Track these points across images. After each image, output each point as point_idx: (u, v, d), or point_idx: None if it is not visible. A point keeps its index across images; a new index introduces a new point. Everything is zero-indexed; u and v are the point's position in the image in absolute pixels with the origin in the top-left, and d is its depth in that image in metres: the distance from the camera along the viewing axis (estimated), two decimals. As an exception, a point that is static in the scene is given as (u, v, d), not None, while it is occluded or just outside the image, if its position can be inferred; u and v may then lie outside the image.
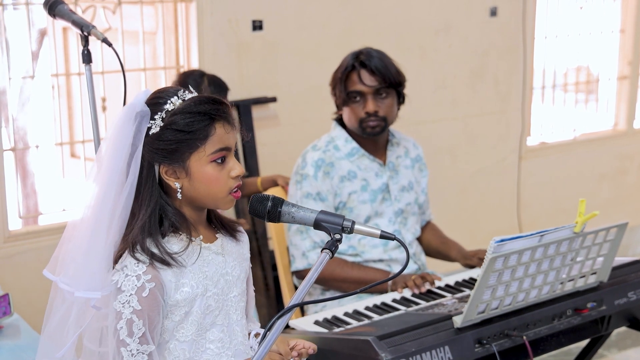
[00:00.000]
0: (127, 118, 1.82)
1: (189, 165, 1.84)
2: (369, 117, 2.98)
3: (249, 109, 3.98)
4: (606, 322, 2.64)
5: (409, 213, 3.13)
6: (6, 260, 3.44)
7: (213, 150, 1.84)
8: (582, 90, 5.58)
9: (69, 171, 3.89)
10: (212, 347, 1.92)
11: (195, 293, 1.87)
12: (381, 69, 2.98)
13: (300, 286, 1.71)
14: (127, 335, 1.79)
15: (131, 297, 1.80)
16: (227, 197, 1.89)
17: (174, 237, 1.87)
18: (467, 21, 4.66)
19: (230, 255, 1.97)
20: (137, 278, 1.80)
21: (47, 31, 4.56)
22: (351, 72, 3.00)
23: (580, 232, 2.40)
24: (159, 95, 1.86)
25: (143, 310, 1.80)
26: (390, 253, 3.04)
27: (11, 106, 3.72)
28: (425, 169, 3.26)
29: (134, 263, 1.81)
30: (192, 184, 1.85)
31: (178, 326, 1.88)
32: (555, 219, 4.57)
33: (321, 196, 2.97)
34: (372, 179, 3.05)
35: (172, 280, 1.84)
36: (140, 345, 1.80)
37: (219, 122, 1.84)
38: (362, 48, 3.06)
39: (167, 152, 1.83)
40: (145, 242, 1.83)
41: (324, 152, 3.02)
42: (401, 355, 2.17)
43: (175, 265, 1.84)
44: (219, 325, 1.93)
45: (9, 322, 2.69)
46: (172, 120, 1.82)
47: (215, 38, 3.84)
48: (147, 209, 1.84)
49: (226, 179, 1.86)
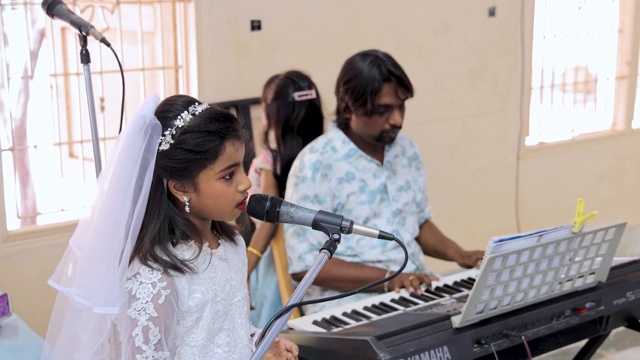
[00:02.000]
0: (137, 129, 1.81)
1: (198, 182, 1.84)
2: (393, 128, 2.98)
3: (247, 109, 3.98)
4: (604, 322, 2.64)
5: (407, 213, 3.13)
6: (4, 261, 3.44)
7: (222, 168, 1.84)
8: (580, 90, 5.59)
9: (68, 171, 3.89)
10: (219, 351, 1.93)
11: (206, 299, 1.88)
12: (407, 81, 2.98)
13: (298, 286, 1.72)
14: (143, 342, 1.79)
15: (147, 304, 1.80)
16: (234, 211, 1.90)
17: (184, 245, 1.89)
18: (465, 21, 4.66)
19: (232, 260, 1.99)
20: (152, 285, 1.81)
21: (46, 31, 4.55)
22: (384, 84, 2.93)
23: (579, 232, 2.40)
24: (168, 109, 1.85)
25: (159, 317, 1.80)
26: (388, 254, 3.04)
27: (10, 106, 3.72)
28: (422, 167, 3.26)
29: (148, 271, 1.82)
30: (200, 198, 1.86)
31: (189, 331, 1.89)
32: (553, 219, 4.57)
33: (319, 198, 2.96)
34: (370, 180, 3.04)
35: (186, 287, 1.85)
36: (155, 352, 1.80)
37: (228, 141, 1.84)
38: (374, 52, 2.99)
39: (177, 170, 1.83)
40: (155, 252, 1.84)
41: (321, 154, 3.01)
42: (400, 355, 2.17)
43: (188, 272, 1.85)
44: (226, 330, 1.95)
45: (7, 322, 2.69)
46: (183, 140, 1.82)
47: (213, 38, 3.84)
48: (157, 220, 1.84)
49: (234, 193, 1.87)
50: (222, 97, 3.89)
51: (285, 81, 3.42)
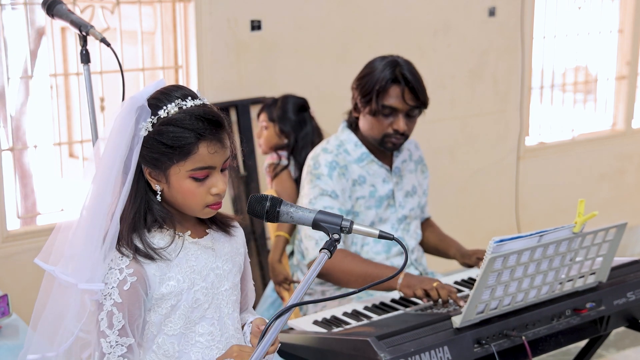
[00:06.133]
0: (130, 110, 1.83)
1: (169, 175, 1.85)
2: (395, 134, 2.92)
3: (247, 109, 3.98)
4: (605, 322, 2.64)
5: (412, 218, 3.11)
6: (4, 261, 3.44)
7: (193, 167, 1.84)
8: (580, 90, 5.59)
9: (68, 171, 3.89)
10: (201, 340, 1.93)
11: (181, 287, 1.89)
12: (421, 90, 2.90)
13: (299, 286, 1.71)
14: (107, 327, 1.82)
15: (113, 289, 1.82)
16: (204, 210, 1.89)
17: (159, 233, 1.89)
18: (465, 21, 4.66)
19: (221, 249, 1.98)
20: (119, 271, 1.83)
21: (46, 31, 4.56)
22: (392, 86, 2.89)
23: (580, 233, 2.40)
24: (160, 97, 1.86)
25: (123, 304, 1.82)
26: (392, 260, 3.02)
27: (10, 106, 3.72)
28: (426, 170, 3.24)
29: (119, 257, 1.84)
30: (171, 191, 1.87)
31: (165, 320, 1.89)
32: (554, 219, 4.58)
33: (336, 194, 2.90)
34: (380, 185, 3.02)
35: (157, 274, 1.86)
36: (119, 338, 1.82)
37: (204, 142, 1.83)
38: (393, 56, 2.96)
39: (150, 158, 1.84)
40: (130, 237, 1.85)
41: (336, 155, 2.97)
42: (400, 355, 2.17)
43: (159, 259, 1.86)
44: (209, 319, 1.94)
45: (7, 322, 2.69)
46: (160, 130, 1.82)
47: (213, 38, 3.84)
48: (133, 204, 1.86)
49: (204, 194, 1.86)
50: (222, 97, 3.89)
51: (300, 99, 3.71)
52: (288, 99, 3.68)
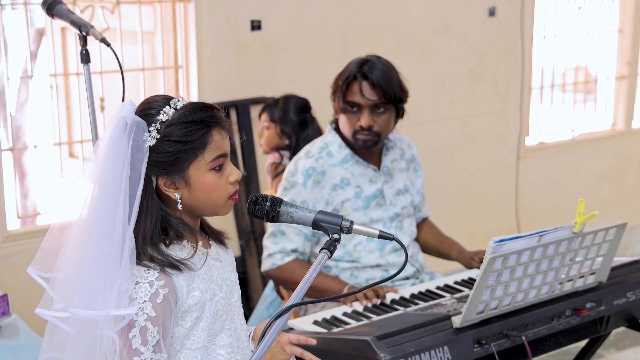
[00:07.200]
0: (120, 131, 1.78)
1: (189, 175, 1.82)
2: (362, 130, 2.92)
3: (247, 109, 3.98)
4: (605, 322, 2.64)
5: (404, 216, 3.11)
6: (4, 261, 3.44)
7: (212, 158, 1.83)
8: (580, 90, 5.59)
9: (68, 171, 3.89)
10: (222, 352, 1.90)
11: (204, 297, 1.85)
12: (383, 84, 2.89)
13: (298, 286, 1.71)
14: (140, 343, 1.74)
15: (145, 303, 1.75)
16: (227, 203, 1.88)
17: (176, 246, 1.86)
18: (465, 21, 4.66)
19: (224, 261, 1.98)
20: (149, 284, 1.77)
21: (46, 31, 4.55)
22: (353, 82, 2.92)
23: (579, 233, 2.40)
24: (149, 106, 1.83)
25: (157, 317, 1.76)
26: (387, 258, 3.02)
27: (10, 106, 3.72)
28: (420, 169, 3.24)
29: (144, 270, 1.78)
30: (192, 193, 1.84)
31: (189, 333, 1.85)
32: (554, 219, 4.57)
33: (306, 205, 2.92)
34: (366, 186, 3.02)
35: (184, 285, 1.82)
36: (154, 354, 1.75)
37: (215, 129, 1.83)
38: (369, 56, 2.97)
39: (166, 164, 1.81)
40: (148, 252, 1.80)
41: (316, 160, 2.98)
42: (400, 355, 2.17)
43: (185, 270, 1.82)
44: (227, 330, 1.92)
45: (7, 322, 2.69)
46: (168, 132, 1.80)
47: (213, 38, 3.84)
48: (149, 221, 1.81)
49: (225, 185, 1.86)
50: (222, 97, 3.89)
51: (302, 99, 3.71)
52: (290, 100, 3.67)
